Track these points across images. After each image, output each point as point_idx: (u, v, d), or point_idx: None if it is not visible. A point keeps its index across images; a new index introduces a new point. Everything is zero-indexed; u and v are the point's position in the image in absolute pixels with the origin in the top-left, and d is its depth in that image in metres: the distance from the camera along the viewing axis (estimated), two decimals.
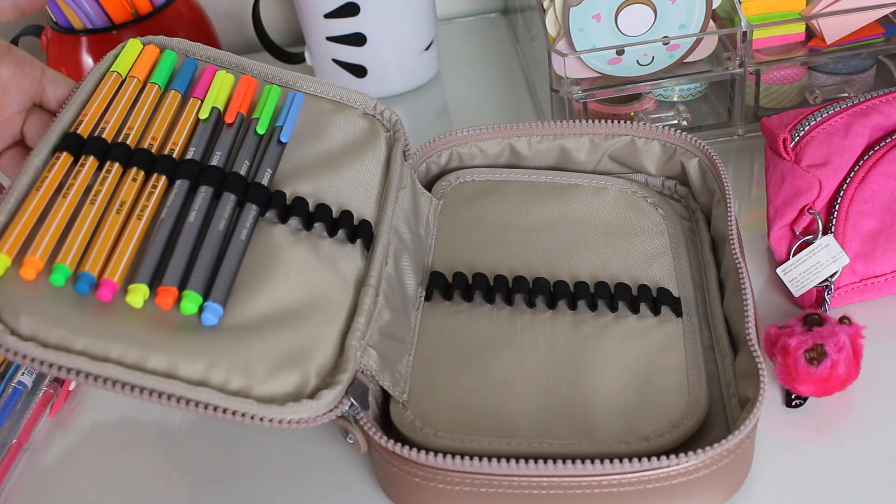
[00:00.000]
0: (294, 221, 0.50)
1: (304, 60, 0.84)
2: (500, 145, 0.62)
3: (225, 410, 0.41)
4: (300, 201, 0.50)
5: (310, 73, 0.84)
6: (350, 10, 0.76)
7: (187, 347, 0.41)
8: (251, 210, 0.48)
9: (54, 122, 0.48)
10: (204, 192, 0.47)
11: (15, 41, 0.77)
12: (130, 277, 0.43)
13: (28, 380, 0.56)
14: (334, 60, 0.80)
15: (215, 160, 0.49)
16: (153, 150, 0.48)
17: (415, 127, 0.79)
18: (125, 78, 0.52)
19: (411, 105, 0.82)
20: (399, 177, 0.56)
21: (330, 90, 0.57)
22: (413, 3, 0.78)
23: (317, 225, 0.50)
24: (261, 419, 0.41)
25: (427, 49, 0.82)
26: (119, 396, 0.56)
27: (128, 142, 0.48)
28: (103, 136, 0.48)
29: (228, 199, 0.48)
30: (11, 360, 0.39)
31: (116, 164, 0.47)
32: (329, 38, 0.79)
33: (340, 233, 0.51)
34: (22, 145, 0.54)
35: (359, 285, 0.49)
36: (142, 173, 0.47)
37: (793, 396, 0.50)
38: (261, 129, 0.52)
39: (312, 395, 0.42)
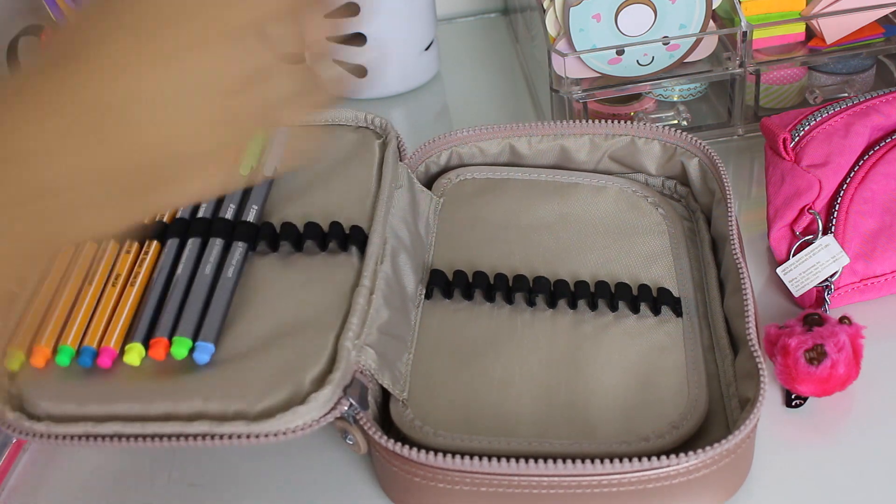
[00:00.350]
0: (285, 246, 0.51)
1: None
2: (501, 145, 0.62)
3: (221, 437, 0.42)
4: (288, 226, 0.51)
5: None
6: (350, 10, 0.76)
7: (183, 388, 0.43)
8: (237, 248, 0.50)
9: None
10: (191, 245, 0.50)
11: (15, 41, 0.77)
12: (127, 340, 0.46)
13: None
14: (334, 60, 0.80)
15: (201, 212, 0.51)
16: (146, 221, 0.51)
17: (414, 127, 0.79)
18: None
19: (411, 105, 0.82)
20: (392, 177, 0.55)
21: (320, 115, 0.58)
22: (413, 3, 0.78)
23: (308, 243, 0.51)
24: (256, 436, 0.42)
25: (427, 49, 0.82)
26: None
27: None
28: None
29: (214, 244, 0.50)
30: (23, 439, 0.44)
31: (111, 243, 0.50)
32: (329, 38, 0.79)
33: (332, 244, 0.51)
34: None
35: (354, 289, 0.49)
36: (136, 244, 0.50)
37: (793, 396, 0.50)
38: (243, 172, 0.52)
39: (303, 401, 0.42)
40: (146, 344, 0.46)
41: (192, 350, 0.45)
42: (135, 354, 0.45)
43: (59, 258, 0.49)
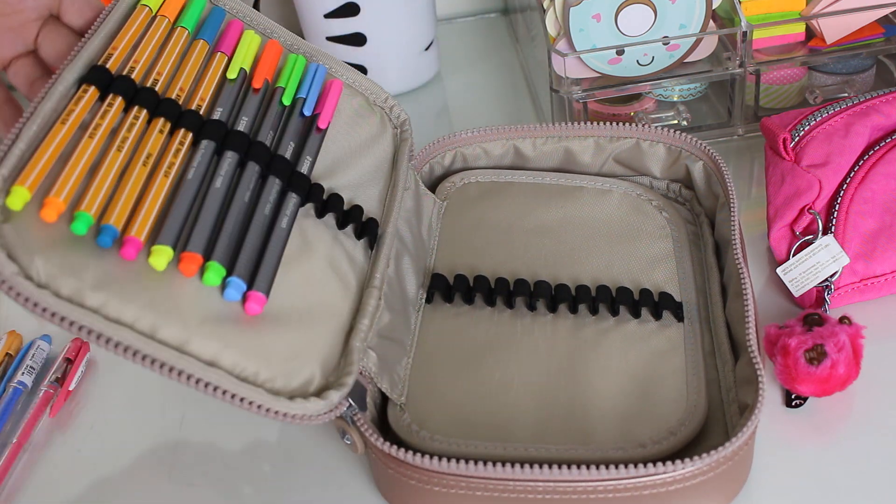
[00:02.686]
0: (309, 206, 0.49)
1: None
2: (505, 146, 0.62)
3: (234, 395, 0.40)
4: (318, 188, 0.49)
5: None
6: (350, 10, 0.76)
7: (203, 324, 0.40)
8: (291, 199, 0.47)
9: (80, 48, 0.46)
10: (230, 158, 0.46)
11: None
12: (154, 238, 0.41)
13: (28, 380, 0.56)
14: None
15: (241, 125, 0.48)
16: (180, 102, 0.46)
17: (415, 127, 0.78)
18: (155, 15, 0.50)
19: (411, 105, 0.82)
20: (404, 178, 0.55)
21: (346, 72, 0.57)
22: (413, 3, 0.78)
23: (328, 215, 0.49)
24: (267, 409, 0.41)
25: (427, 49, 0.82)
26: (119, 396, 0.56)
27: (156, 88, 0.46)
28: (132, 76, 0.46)
29: (253, 170, 0.46)
30: (21, 305, 0.37)
31: (144, 111, 0.45)
32: (329, 38, 0.79)
33: (349, 227, 0.50)
34: (34, 56, 0.51)
35: (361, 285, 0.49)
36: (168, 125, 0.45)
37: (793, 396, 0.50)
38: (286, 100, 0.51)
39: (319, 394, 0.42)
40: (175, 253, 0.41)
41: (223, 284, 0.42)
42: (163, 259, 0.40)
43: (85, 98, 0.43)
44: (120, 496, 0.51)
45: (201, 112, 0.47)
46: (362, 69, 0.80)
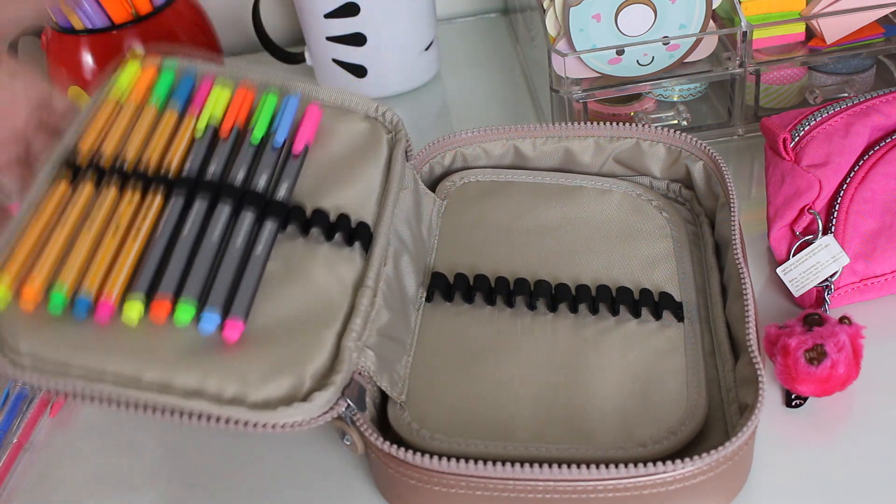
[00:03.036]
0: (291, 228, 0.50)
1: (304, 60, 0.84)
2: (505, 146, 0.62)
3: (219, 419, 0.41)
4: (297, 209, 0.50)
5: (310, 74, 0.84)
6: (350, 10, 0.76)
7: (182, 359, 0.42)
8: (268, 225, 0.48)
9: (54, 148, 0.49)
10: (198, 205, 0.48)
11: (15, 42, 0.77)
12: (126, 294, 0.44)
13: None
14: (334, 60, 0.80)
15: (210, 174, 0.49)
16: (149, 172, 0.49)
17: (414, 127, 0.79)
18: (123, 102, 0.52)
19: (411, 105, 0.82)
20: (400, 178, 0.55)
21: (331, 94, 0.57)
22: (413, 3, 0.78)
23: (314, 230, 0.50)
24: (254, 425, 0.41)
25: (427, 49, 0.82)
26: None
27: (125, 167, 0.49)
28: (100, 162, 0.49)
29: (223, 210, 0.48)
30: (15, 382, 0.41)
31: (113, 188, 0.48)
32: (329, 38, 0.79)
33: (337, 236, 0.50)
34: (26, 162, 0.54)
35: (357, 287, 0.49)
36: (138, 194, 0.48)
37: (793, 396, 0.50)
38: (255, 139, 0.52)
39: (305, 398, 0.42)
40: (147, 301, 0.44)
41: (196, 318, 0.44)
42: (134, 313, 0.43)
43: (50, 195, 0.47)
44: (120, 496, 0.51)
45: (170, 175, 0.49)
46: (362, 69, 0.80)
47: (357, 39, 0.78)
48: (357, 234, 0.51)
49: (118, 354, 0.42)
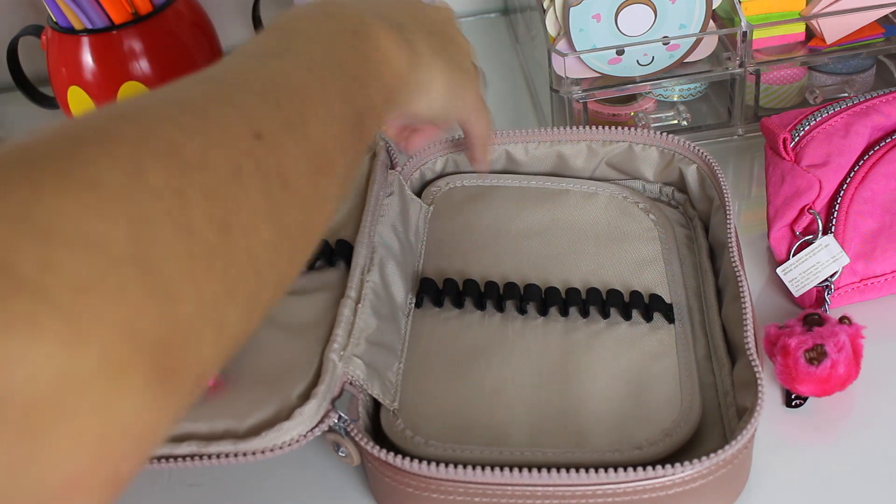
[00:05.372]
0: None
1: None
2: (496, 152, 0.61)
3: (210, 457, 0.41)
4: None
5: None
6: None
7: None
8: None
9: None
10: None
11: (15, 41, 0.77)
12: None
13: None
14: None
15: None
16: None
17: None
18: None
19: None
20: (380, 187, 0.55)
21: None
22: None
23: None
24: (244, 455, 0.41)
25: None
26: None
27: None
28: None
29: None
30: None
31: None
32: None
33: (319, 262, 0.51)
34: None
35: (338, 299, 0.48)
36: None
37: (793, 396, 0.50)
38: None
39: (288, 417, 0.42)
40: None
41: None
42: None
43: None
44: (119, 497, 0.51)
45: None
46: None
47: None
48: (337, 253, 0.51)
49: None
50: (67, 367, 0.23)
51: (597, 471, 0.41)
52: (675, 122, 0.72)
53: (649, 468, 0.41)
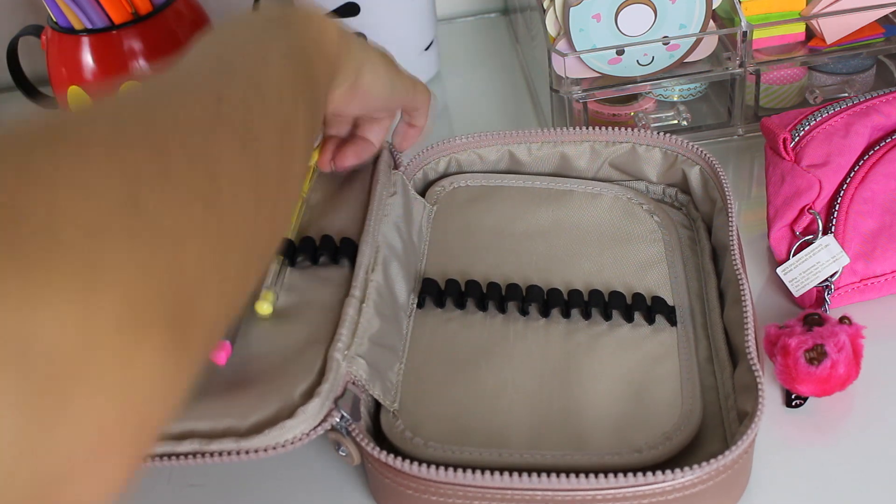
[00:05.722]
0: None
1: None
2: (500, 152, 0.61)
3: (212, 454, 0.41)
4: (285, 240, 0.51)
5: None
6: (350, 10, 0.76)
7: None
8: None
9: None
10: None
11: (15, 41, 0.77)
12: None
13: None
14: None
15: None
16: None
17: None
18: None
19: None
20: (384, 187, 0.55)
21: None
22: (413, 3, 0.78)
23: (301, 259, 0.51)
24: (245, 452, 0.41)
25: (427, 49, 0.82)
26: None
27: None
28: None
29: None
30: None
31: None
32: None
33: (324, 258, 0.51)
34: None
35: (343, 298, 0.48)
36: None
37: (793, 396, 0.50)
38: None
39: (291, 415, 0.42)
40: None
41: None
42: None
43: None
44: (119, 496, 0.51)
45: None
46: None
47: None
48: (342, 251, 0.51)
49: None
50: (87, 314, 0.23)
51: (596, 475, 0.41)
52: (676, 122, 0.72)
53: (649, 473, 0.41)
